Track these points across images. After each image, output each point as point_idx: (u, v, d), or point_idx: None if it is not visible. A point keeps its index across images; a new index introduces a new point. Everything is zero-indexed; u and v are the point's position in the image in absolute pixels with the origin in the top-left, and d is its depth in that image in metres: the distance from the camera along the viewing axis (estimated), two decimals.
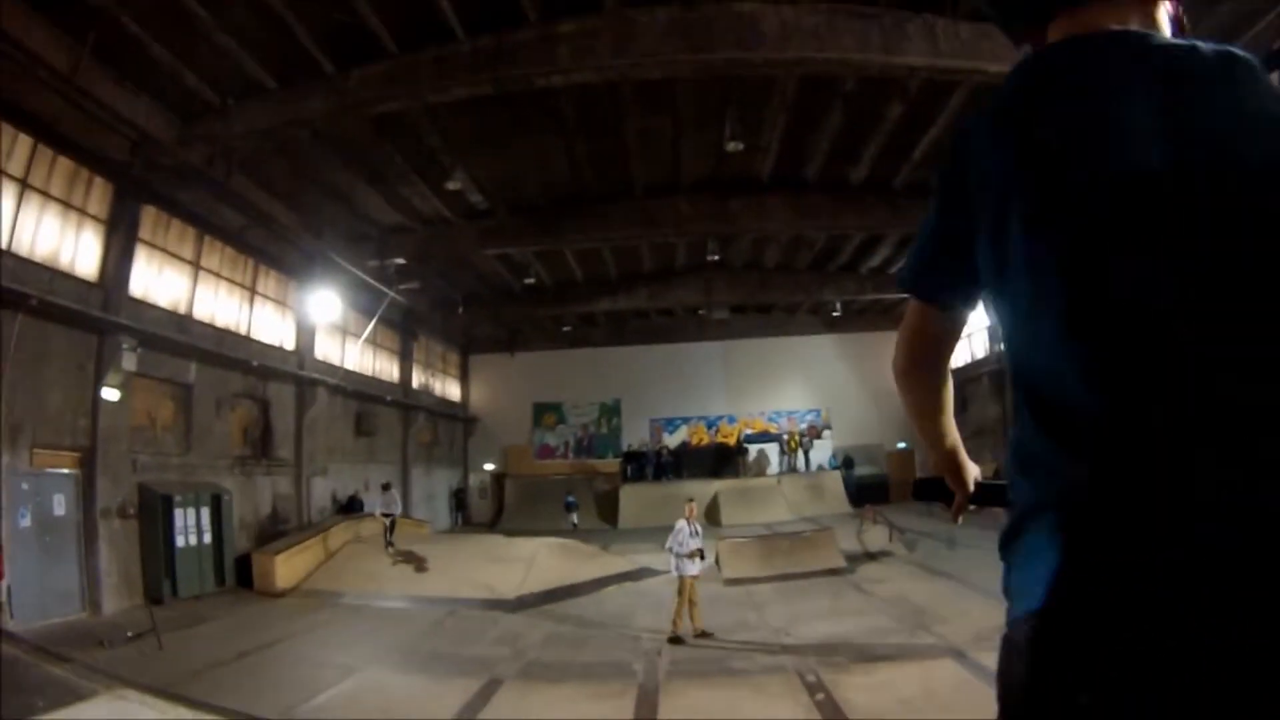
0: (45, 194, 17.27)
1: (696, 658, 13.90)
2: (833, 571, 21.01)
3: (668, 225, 27.24)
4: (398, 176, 23.48)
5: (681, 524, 15.82)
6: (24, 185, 16.61)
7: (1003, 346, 1.68)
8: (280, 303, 27.20)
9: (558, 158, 22.79)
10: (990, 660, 5.84)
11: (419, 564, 22.38)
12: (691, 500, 17.02)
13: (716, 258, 31.11)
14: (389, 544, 23.69)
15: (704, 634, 15.24)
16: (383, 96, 17.98)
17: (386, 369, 36.78)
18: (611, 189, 25.33)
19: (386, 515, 24.46)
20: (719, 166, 23.41)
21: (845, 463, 42.09)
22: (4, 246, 16.09)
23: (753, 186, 25.18)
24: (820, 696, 10.85)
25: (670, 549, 15.78)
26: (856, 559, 22.56)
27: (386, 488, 25.88)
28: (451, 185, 23.09)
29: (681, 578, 15.46)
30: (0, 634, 10.57)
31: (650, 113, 20.41)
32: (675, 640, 14.98)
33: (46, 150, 17.12)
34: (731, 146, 20.58)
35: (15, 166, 16.42)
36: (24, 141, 16.52)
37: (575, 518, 38.46)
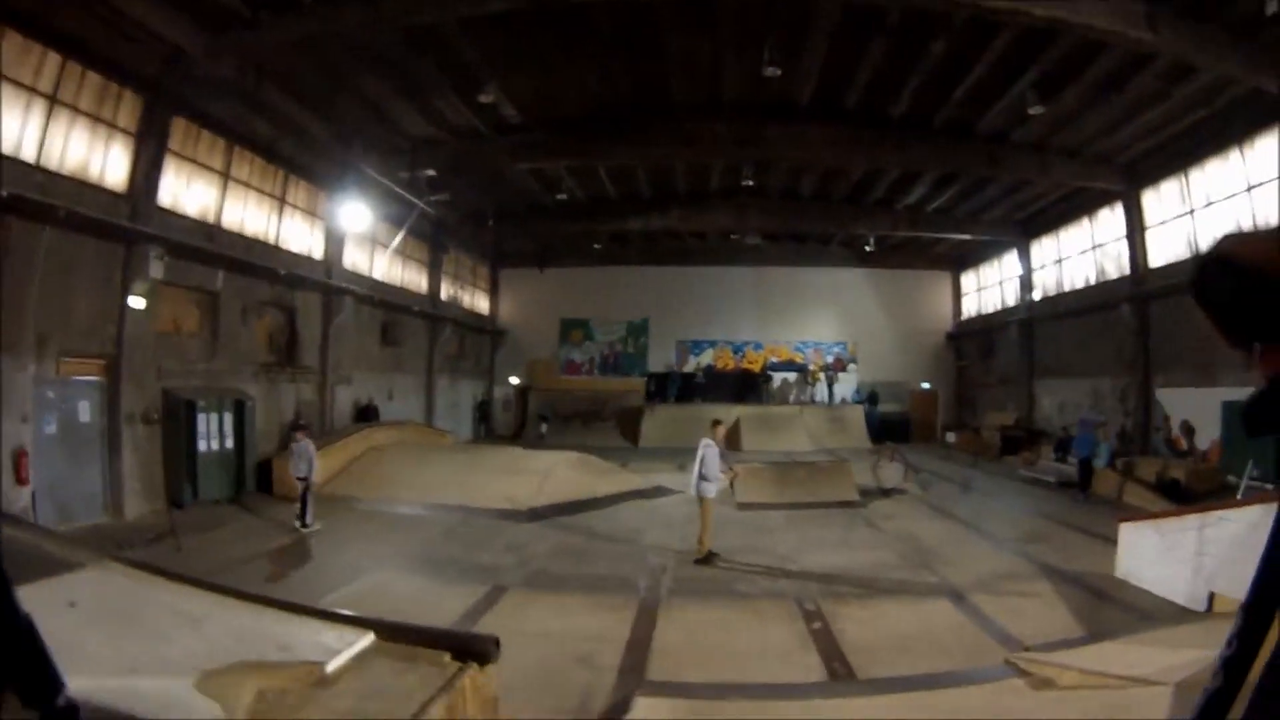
0: (74, 108, 17.34)
1: (700, 577, 14.08)
2: (846, 504, 21.06)
3: (703, 147, 27.14)
4: (431, 88, 23.33)
5: (708, 444, 15.72)
6: (53, 101, 16.72)
7: None
8: (310, 213, 27.28)
9: (594, 74, 22.59)
10: (988, 602, 6.11)
11: (436, 472, 22.69)
12: (718, 421, 16.95)
13: (751, 183, 30.91)
14: (301, 518, 17.88)
15: (711, 555, 15.34)
16: (417, 7, 17.91)
17: (415, 280, 36.87)
18: (648, 107, 25.06)
19: (301, 480, 18.07)
20: (758, 91, 23.04)
21: (870, 398, 42.04)
22: (33, 161, 16.28)
23: (791, 114, 24.82)
24: (817, 625, 10.98)
25: (698, 469, 15.61)
26: (870, 494, 22.56)
27: (297, 434, 19.18)
28: (485, 98, 22.98)
29: (703, 499, 15.48)
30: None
31: (690, 32, 20.19)
32: (704, 560, 15.14)
33: (75, 66, 17.16)
34: (770, 71, 20.32)
35: (44, 83, 16.51)
36: (53, 59, 16.59)
37: (544, 429, 39.89)
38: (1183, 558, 11.56)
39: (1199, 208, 24.31)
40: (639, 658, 9.76)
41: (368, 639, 3.80)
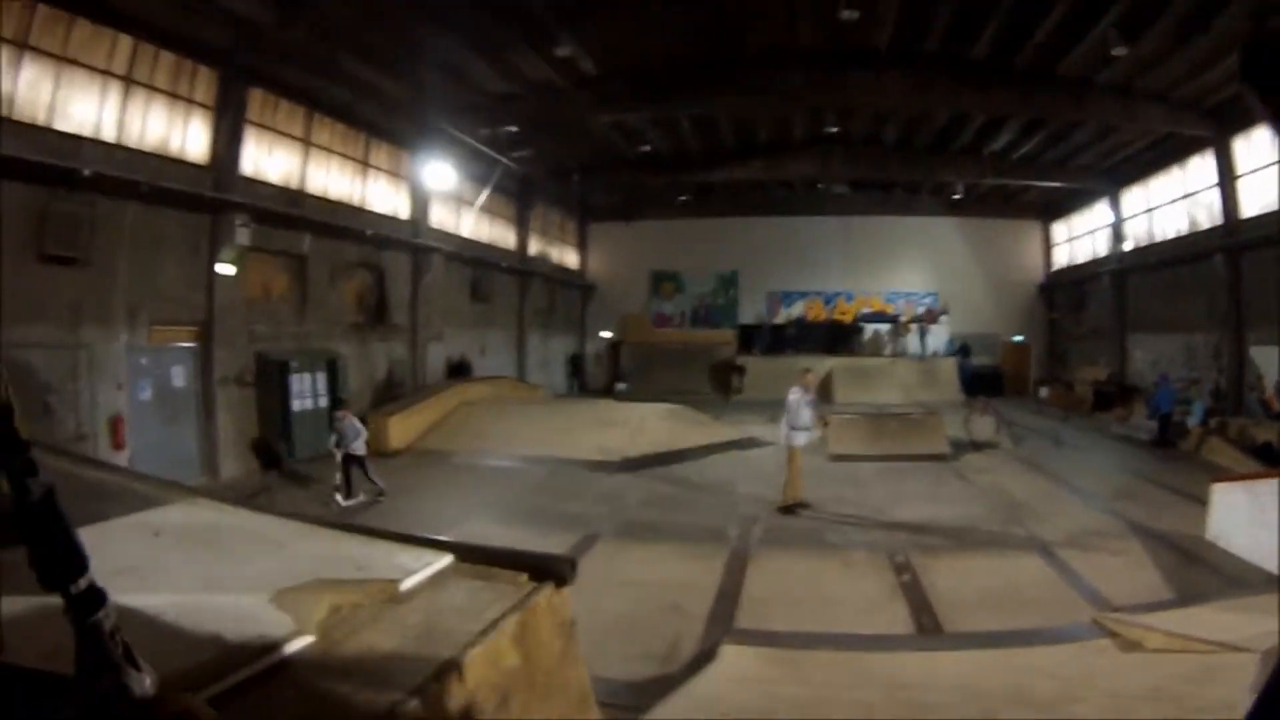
0: (151, 87, 17.71)
1: (791, 528, 14.12)
2: (937, 457, 20.91)
3: (782, 95, 26.75)
4: (506, 44, 23.24)
5: (798, 393, 15.71)
6: (129, 82, 17.08)
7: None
8: (393, 174, 27.49)
9: (669, 23, 22.30)
10: (1077, 560, 6.03)
11: (529, 425, 22.95)
12: (809, 370, 16.99)
13: (834, 130, 30.64)
14: (344, 490, 16.30)
15: (802, 504, 15.41)
16: None
17: (502, 236, 36.98)
18: (725, 57, 24.86)
19: (350, 455, 16.39)
20: (835, 37, 22.77)
21: (961, 350, 41.35)
22: (114, 140, 16.67)
23: (870, 60, 24.45)
24: (906, 577, 10.97)
25: (785, 419, 15.65)
26: (962, 447, 22.42)
27: (339, 413, 16.93)
28: (561, 51, 22.96)
29: (791, 448, 15.51)
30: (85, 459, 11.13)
31: None
32: (788, 509, 15.19)
33: (148, 47, 17.49)
34: (846, 15, 20.08)
35: (119, 65, 16.86)
36: (125, 42, 16.92)
37: (620, 387, 39.80)
38: (1274, 522, 11.27)
39: None
40: (728, 606, 9.80)
41: (445, 560, 3.84)
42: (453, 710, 2.65)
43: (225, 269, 18.98)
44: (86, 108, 16.07)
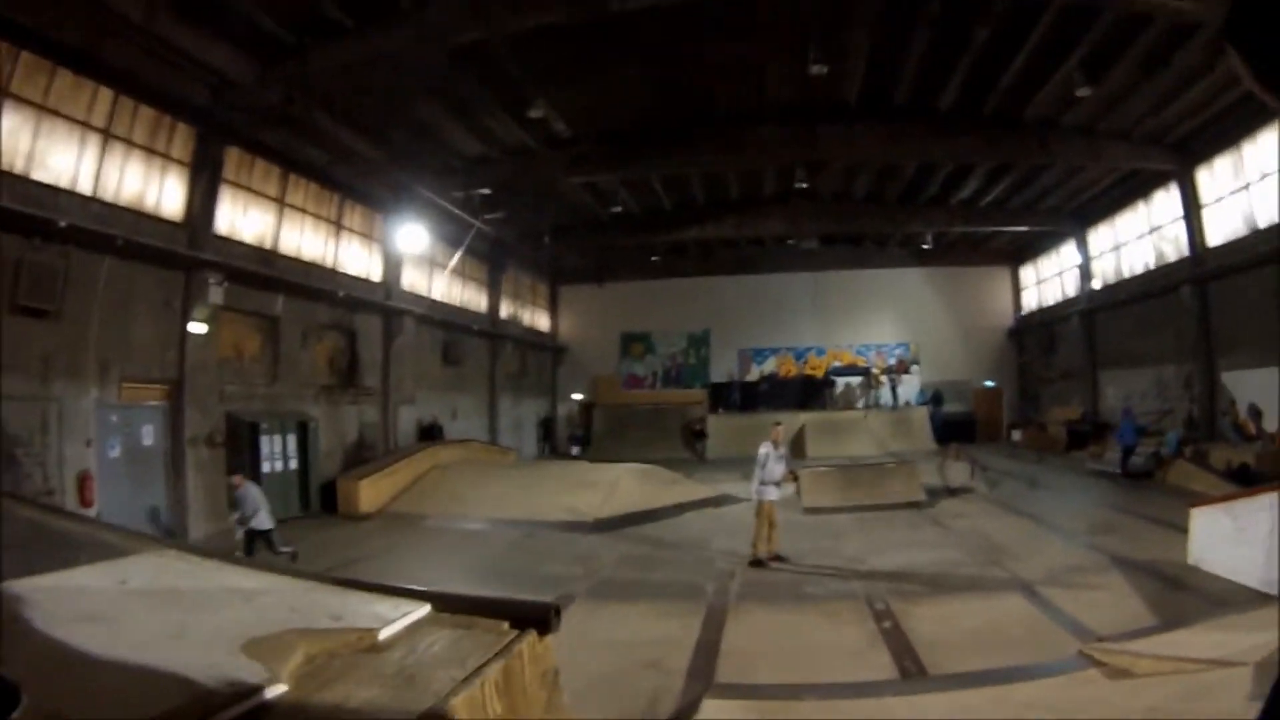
0: (129, 142, 17.81)
1: (769, 581, 13.98)
2: (912, 505, 20.93)
3: (754, 152, 27.07)
4: (480, 107, 23.42)
5: (768, 448, 15.74)
6: (107, 135, 17.16)
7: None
8: (366, 235, 27.61)
9: (639, 85, 22.55)
10: (1059, 596, 5.98)
11: (501, 487, 22.74)
12: (779, 423, 17.09)
13: (804, 185, 30.83)
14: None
15: (778, 558, 15.34)
16: (458, 26, 18.00)
17: (474, 299, 37.10)
18: (696, 115, 25.07)
19: (254, 531, 15.28)
20: (805, 92, 22.92)
21: (934, 399, 41.51)
22: (90, 193, 16.74)
23: (840, 113, 24.70)
24: (887, 624, 10.86)
25: (757, 474, 15.67)
26: (937, 494, 22.40)
27: (233, 481, 15.99)
28: (534, 113, 23.11)
29: (761, 502, 15.45)
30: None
31: (731, 37, 20.13)
32: (756, 563, 15.11)
33: (128, 101, 17.62)
34: (815, 69, 20.19)
35: (98, 118, 16.97)
36: (105, 94, 17.04)
37: (575, 451, 39.44)
38: (1256, 540, 11.32)
39: (1254, 181, 23.89)
40: (707, 661, 9.66)
41: (423, 609, 3.78)
42: None
43: (198, 327, 18.95)
44: (65, 159, 16.17)
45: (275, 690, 2.77)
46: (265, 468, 20.50)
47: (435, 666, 3.10)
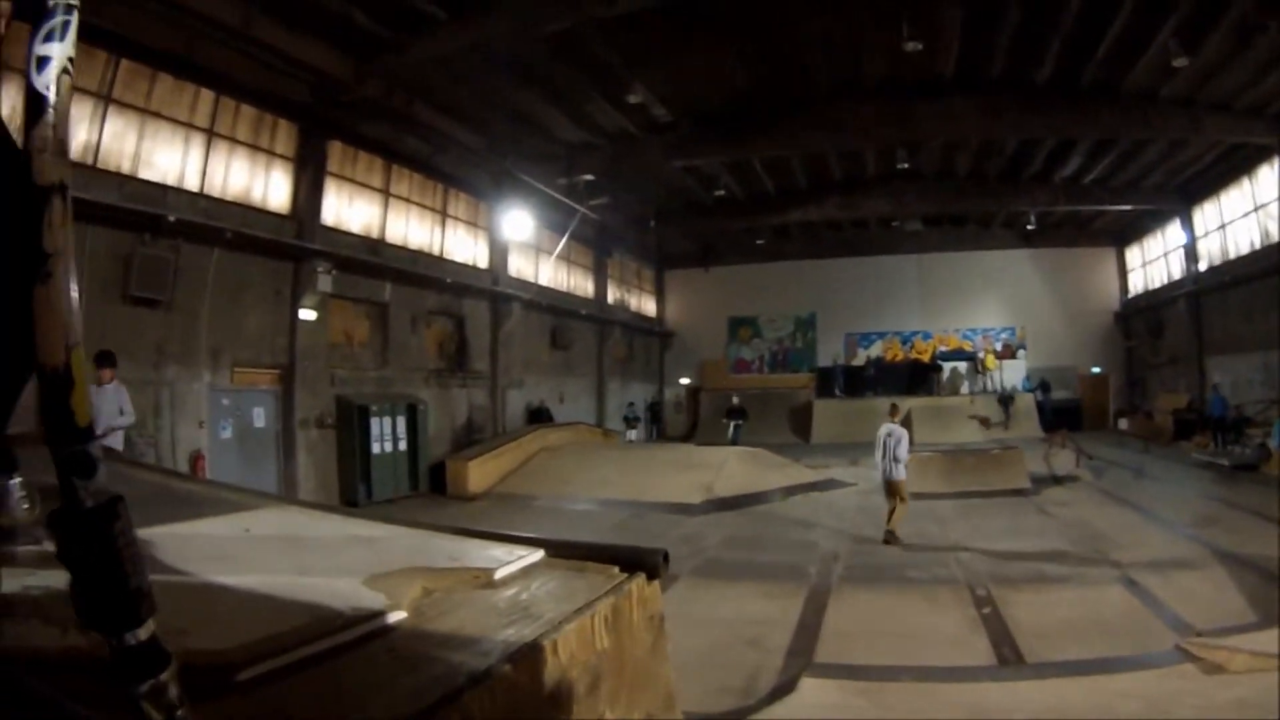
0: (233, 139, 18.46)
1: (872, 565, 13.93)
2: (1017, 492, 20.63)
3: (852, 131, 26.87)
4: (578, 94, 23.63)
5: (894, 428, 15.84)
6: (210, 134, 17.83)
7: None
8: (472, 223, 28.02)
9: (735, 65, 22.52)
10: (1160, 588, 5.96)
11: (609, 469, 23.01)
12: (897, 407, 17.26)
13: (906, 165, 30.60)
14: None
15: (892, 537, 15.49)
16: (546, 14, 18.14)
17: (581, 284, 37.52)
18: (793, 96, 25.02)
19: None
20: (901, 69, 22.84)
21: (1041, 386, 40.68)
22: (197, 189, 17.42)
23: (937, 88, 24.45)
24: (987, 610, 10.79)
25: (887, 452, 15.71)
26: (1042, 481, 22.05)
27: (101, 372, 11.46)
28: (633, 99, 23.24)
29: (898, 481, 15.63)
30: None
31: (824, 14, 20.06)
32: (891, 539, 15.42)
33: (229, 101, 18.25)
34: (910, 46, 20.05)
35: (201, 118, 17.61)
36: (206, 96, 17.70)
37: (632, 434, 38.74)
38: None
39: None
40: (808, 641, 9.69)
41: (537, 554, 3.85)
42: (546, 679, 2.66)
43: (308, 314, 19.51)
44: (170, 158, 16.78)
45: (396, 615, 2.87)
46: (375, 449, 20.95)
47: (548, 601, 3.18)
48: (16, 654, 2.23)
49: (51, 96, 1.49)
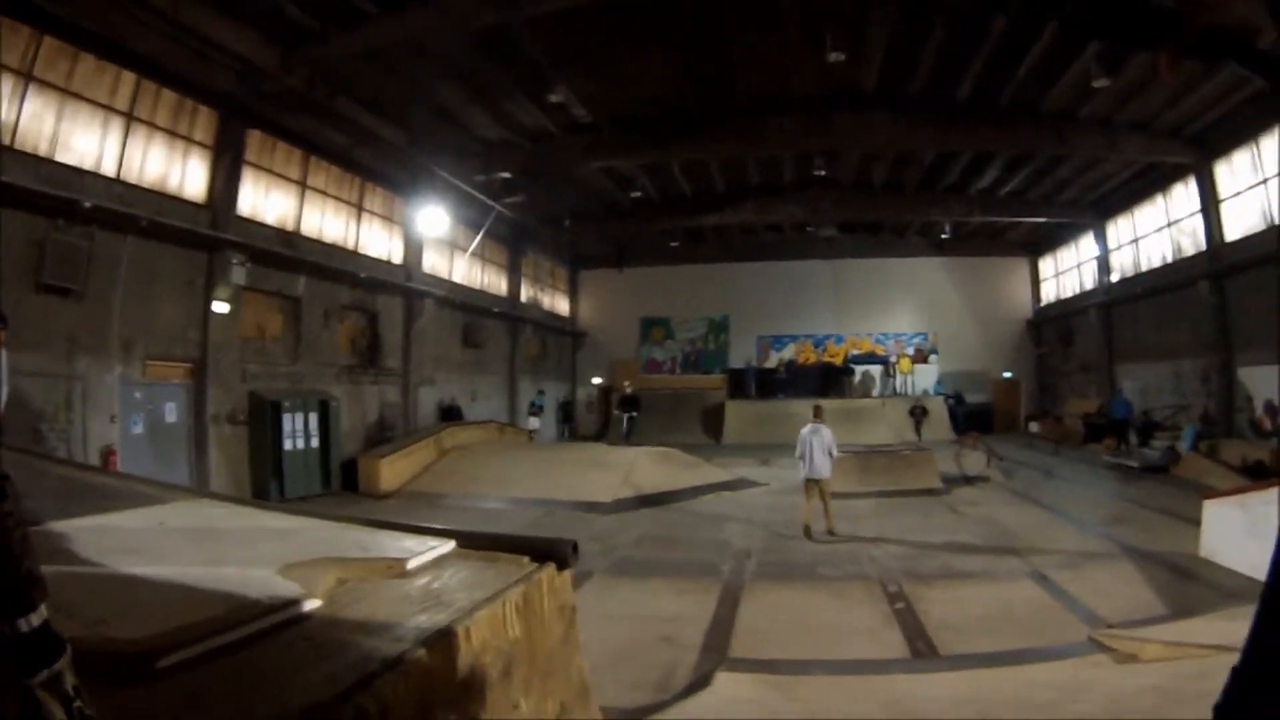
0: (151, 124, 18.12)
1: (783, 562, 14.05)
2: (928, 492, 20.93)
3: (772, 140, 26.96)
4: (500, 92, 23.56)
5: (820, 427, 16.44)
6: (130, 118, 17.47)
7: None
8: (388, 218, 27.81)
9: (660, 71, 22.59)
10: (1071, 583, 6.12)
11: (520, 468, 22.92)
12: (821, 407, 17.73)
13: (823, 173, 30.89)
14: None
15: (832, 533, 15.94)
16: (480, 9, 18.05)
17: (495, 282, 37.27)
18: (715, 102, 25.07)
19: None
20: (823, 81, 23.02)
21: (956, 398, 41.14)
22: (113, 174, 17.04)
23: (857, 101, 24.66)
24: (900, 605, 10.94)
25: (816, 451, 16.21)
26: (953, 482, 22.40)
27: None
28: (555, 98, 23.21)
29: (818, 480, 16.24)
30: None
31: (751, 26, 20.14)
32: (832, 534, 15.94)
33: (150, 85, 17.92)
34: (834, 57, 20.18)
35: (121, 101, 17.27)
36: (128, 79, 17.35)
37: (535, 422, 37.26)
38: (1268, 534, 11.22)
39: (1273, 176, 23.64)
40: (722, 637, 9.76)
41: (449, 545, 3.90)
42: (459, 665, 2.72)
43: (221, 307, 19.21)
44: (88, 141, 16.41)
45: (311, 604, 2.91)
46: (287, 445, 20.73)
47: (460, 590, 3.24)
48: None
49: None
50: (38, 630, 1.44)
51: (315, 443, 21.55)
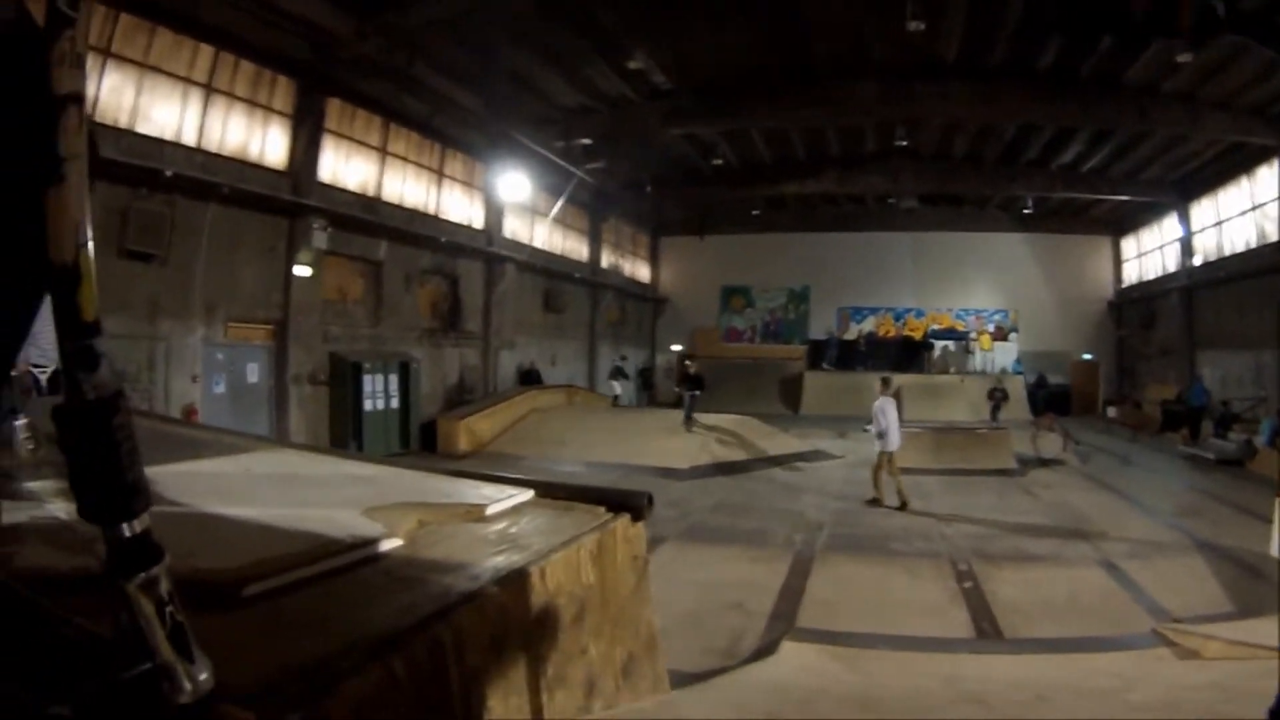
0: (231, 95, 18.41)
1: (855, 535, 14.05)
2: (1003, 472, 20.75)
3: (852, 108, 26.77)
4: (578, 58, 23.58)
5: (889, 400, 16.51)
6: (209, 89, 17.80)
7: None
8: (468, 184, 27.94)
9: (739, 38, 22.45)
10: (1139, 572, 6.10)
11: (598, 432, 23.14)
12: (888, 380, 17.89)
13: (904, 143, 30.54)
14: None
15: (905, 506, 16.02)
16: None
17: (576, 248, 37.37)
18: (794, 70, 24.87)
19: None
20: (903, 50, 22.72)
21: (1039, 382, 40.22)
22: (194, 144, 17.38)
23: (938, 71, 24.37)
24: (968, 585, 10.92)
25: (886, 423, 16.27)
26: (1028, 463, 22.21)
27: None
28: (633, 65, 23.20)
29: (886, 453, 16.33)
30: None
31: None
32: (873, 502, 16.23)
33: (228, 56, 18.19)
34: (913, 26, 19.97)
35: (199, 73, 17.55)
36: (205, 51, 17.61)
37: (618, 386, 37.36)
38: None
39: None
40: (790, 606, 9.82)
41: (527, 493, 3.98)
42: (533, 604, 2.80)
43: (302, 270, 19.51)
44: (168, 112, 16.73)
45: (391, 543, 3.00)
46: (367, 405, 21.14)
47: (536, 535, 3.31)
48: (25, 575, 2.33)
49: (70, 14, 1.55)
50: (139, 536, 1.53)
51: (395, 403, 21.94)
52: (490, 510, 3.64)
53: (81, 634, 1.70)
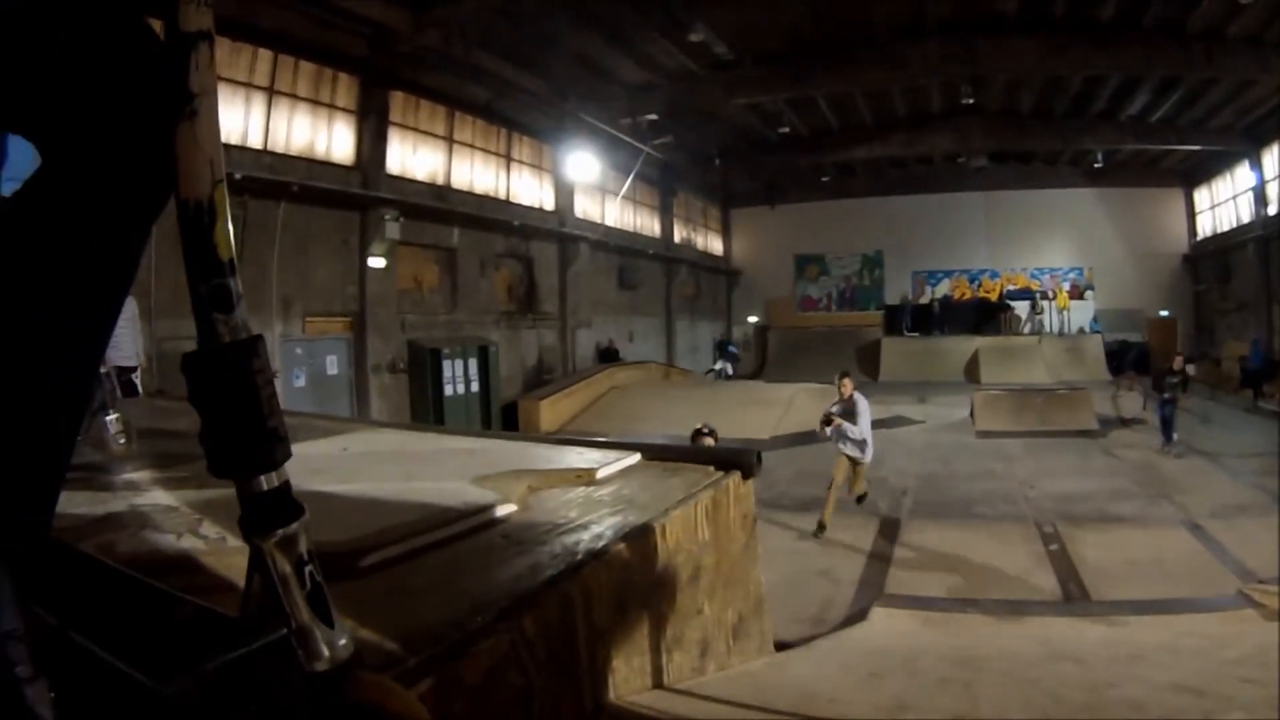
0: (293, 95, 18.65)
1: (940, 501, 14.17)
2: (1084, 433, 20.61)
3: (914, 67, 26.41)
4: (639, 34, 23.49)
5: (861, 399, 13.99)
6: (271, 91, 18.04)
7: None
8: (537, 167, 28.09)
9: (798, 4, 22.23)
10: (1223, 532, 6.02)
11: (678, 406, 22.93)
12: (845, 374, 14.68)
13: (970, 101, 30.12)
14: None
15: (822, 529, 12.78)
16: None
17: (647, 224, 37.46)
18: (854, 32, 24.58)
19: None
20: (963, 6, 22.57)
21: (1123, 345, 39.22)
22: (260, 146, 17.68)
23: (999, 25, 23.94)
24: (1054, 547, 11.01)
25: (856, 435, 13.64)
26: (1109, 424, 22.05)
27: None
28: (694, 37, 23.01)
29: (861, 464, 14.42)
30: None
31: None
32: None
33: (287, 59, 18.41)
34: None
35: (260, 77, 17.80)
36: (264, 55, 17.83)
37: (728, 367, 37.03)
38: None
39: None
40: (878, 573, 9.96)
41: (635, 457, 3.98)
42: (655, 562, 2.80)
43: (376, 262, 19.75)
44: (232, 118, 16.92)
45: (506, 508, 3.02)
46: (448, 390, 21.35)
47: (649, 496, 3.32)
48: (130, 560, 2.35)
49: None
50: (278, 489, 1.46)
51: (475, 387, 22.15)
52: (600, 473, 3.65)
53: (199, 611, 1.61)
